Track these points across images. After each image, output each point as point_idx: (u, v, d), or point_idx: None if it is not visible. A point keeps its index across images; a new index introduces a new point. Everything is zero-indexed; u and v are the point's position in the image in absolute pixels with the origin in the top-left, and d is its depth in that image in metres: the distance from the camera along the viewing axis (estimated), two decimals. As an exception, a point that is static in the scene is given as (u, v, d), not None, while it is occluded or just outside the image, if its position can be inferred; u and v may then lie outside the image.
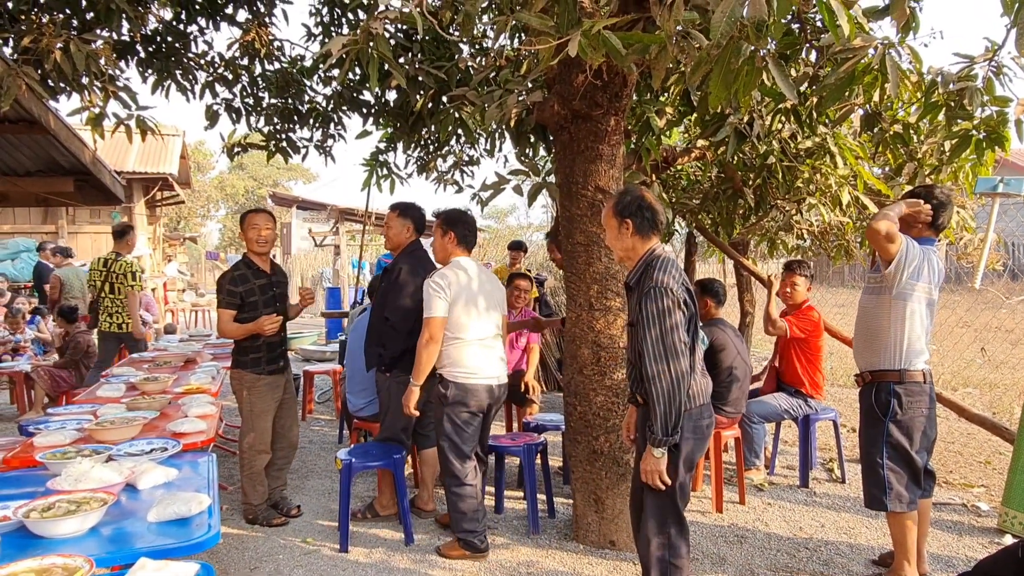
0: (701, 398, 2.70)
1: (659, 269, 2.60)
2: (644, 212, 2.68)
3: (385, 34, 2.21)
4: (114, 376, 4.44)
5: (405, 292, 3.99)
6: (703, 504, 4.45)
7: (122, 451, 2.59)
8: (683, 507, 2.74)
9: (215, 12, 5.61)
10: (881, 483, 3.19)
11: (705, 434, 2.75)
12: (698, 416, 2.69)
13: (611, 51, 2.07)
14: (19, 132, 4.78)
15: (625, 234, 2.73)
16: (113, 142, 11.38)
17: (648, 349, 2.52)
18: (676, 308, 2.53)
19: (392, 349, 3.97)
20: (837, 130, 4.91)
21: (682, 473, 2.67)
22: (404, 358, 3.96)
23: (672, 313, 2.51)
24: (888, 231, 3.08)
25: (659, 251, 2.69)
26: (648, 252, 2.70)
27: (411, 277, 4.01)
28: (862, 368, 3.33)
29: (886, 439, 3.17)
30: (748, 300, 6.99)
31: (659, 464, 2.56)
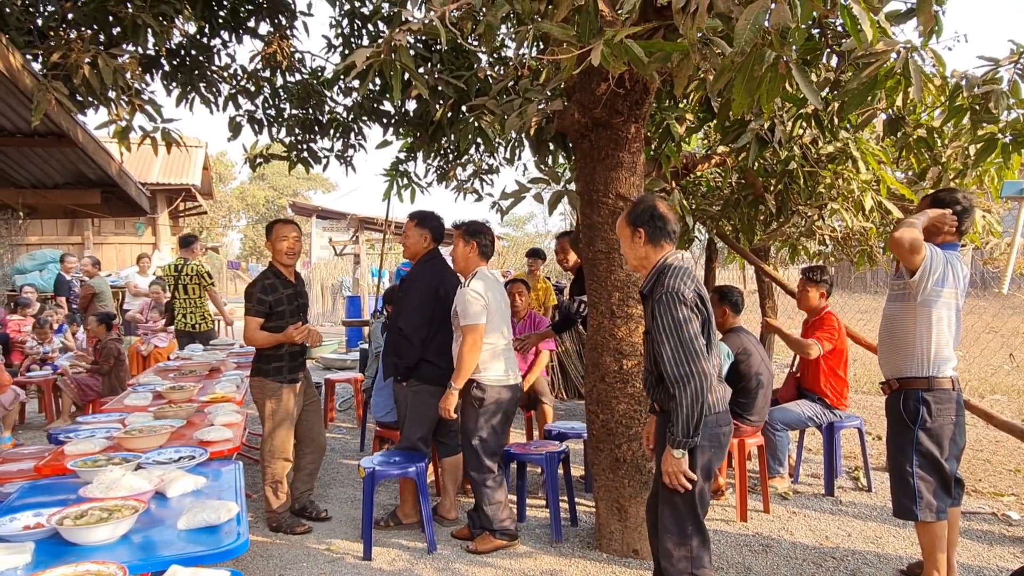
0: (719, 406, 2.69)
1: (671, 276, 2.61)
2: (656, 221, 2.71)
3: (407, 45, 2.23)
4: (141, 385, 4.50)
5: (417, 302, 4.03)
6: (727, 513, 4.41)
7: (151, 459, 2.62)
8: (703, 516, 2.72)
9: (238, 26, 5.69)
10: (911, 492, 3.13)
11: (723, 442, 2.73)
12: (715, 424, 2.67)
13: (633, 60, 2.07)
14: (48, 145, 4.87)
15: (638, 243, 2.76)
16: (138, 154, 11.57)
17: (668, 355, 2.54)
18: (691, 312, 2.54)
19: (407, 359, 4.01)
20: (859, 135, 4.87)
21: (700, 482, 2.65)
22: (420, 368, 4.01)
23: (688, 318, 2.53)
24: (912, 242, 3.04)
25: (672, 259, 2.71)
26: (661, 260, 2.72)
27: (424, 287, 4.05)
28: (888, 376, 3.29)
29: (915, 447, 3.12)
30: (770, 307, 6.94)
31: (680, 465, 2.56)
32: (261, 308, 3.97)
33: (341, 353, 11.58)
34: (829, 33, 3.83)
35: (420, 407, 4.03)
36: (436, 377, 3.99)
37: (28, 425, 7.08)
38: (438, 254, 4.26)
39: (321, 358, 10.87)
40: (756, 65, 1.87)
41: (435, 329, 4.01)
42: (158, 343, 8.60)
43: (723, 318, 4.54)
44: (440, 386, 3.98)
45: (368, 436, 6.06)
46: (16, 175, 5.57)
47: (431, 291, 4.02)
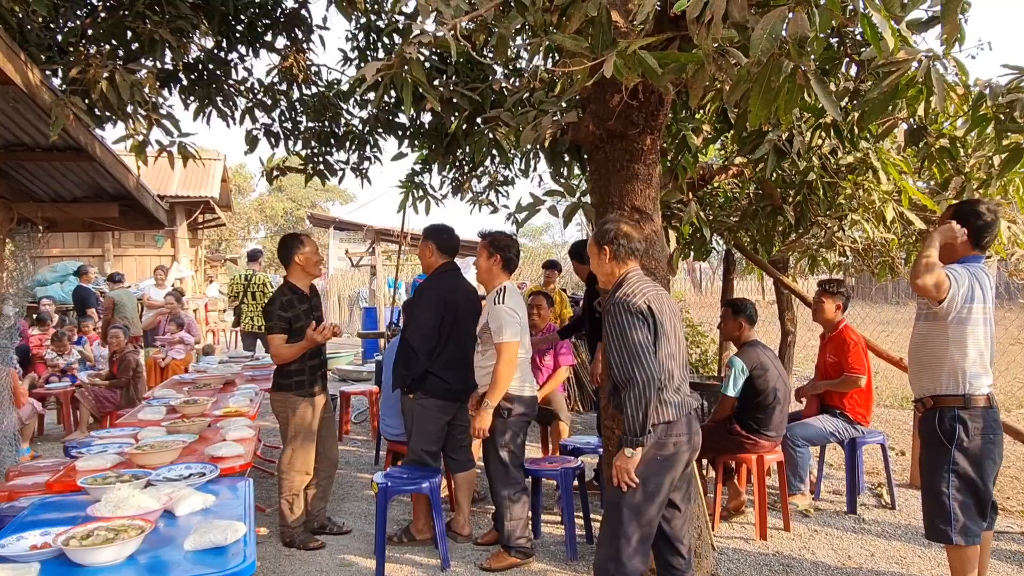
0: (672, 414, 2.72)
1: (624, 286, 2.81)
2: (620, 240, 2.90)
3: (419, 58, 2.21)
4: (156, 399, 4.51)
5: (426, 314, 4.01)
6: (746, 531, 4.33)
7: (161, 475, 2.60)
8: (642, 525, 2.71)
9: (255, 40, 5.72)
10: (946, 514, 3.02)
11: (673, 451, 2.73)
12: (664, 433, 2.71)
13: (647, 71, 2.03)
14: (67, 160, 4.90)
15: (604, 260, 2.95)
16: (157, 168, 11.68)
17: (614, 359, 2.70)
18: (637, 320, 2.68)
19: (414, 370, 3.99)
20: (879, 145, 4.79)
21: (640, 489, 2.68)
22: (426, 380, 3.98)
23: (633, 324, 2.67)
24: (936, 283, 2.95)
25: (632, 274, 2.88)
26: (623, 275, 2.88)
27: (433, 299, 4.04)
28: (921, 394, 3.18)
29: (951, 467, 3.02)
30: (789, 319, 6.83)
31: (627, 463, 2.65)
32: (282, 324, 4.01)
33: (357, 364, 11.58)
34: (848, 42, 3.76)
35: (426, 420, 4.01)
36: (442, 391, 3.97)
37: (47, 437, 7.12)
38: (452, 267, 4.24)
39: (337, 369, 10.87)
40: (773, 76, 1.82)
41: (444, 342, 3.99)
42: (175, 355, 8.65)
43: (739, 331, 4.46)
44: (447, 400, 3.96)
45: (383, 449, 6.02)
46: (36, 189, 5.62)
47: (440, 303, 4.00)
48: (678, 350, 2.84)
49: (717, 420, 4.39)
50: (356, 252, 14.90)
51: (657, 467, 2.71)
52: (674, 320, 2.87)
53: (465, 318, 4.07)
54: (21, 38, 4.29)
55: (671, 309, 2.88)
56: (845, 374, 4.56)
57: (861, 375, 4.52)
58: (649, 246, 3.67)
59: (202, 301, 13.73)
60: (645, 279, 2.89)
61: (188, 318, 9.27)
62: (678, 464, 2.78)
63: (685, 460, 2.83)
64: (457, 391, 4.02)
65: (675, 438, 2.74)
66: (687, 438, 2.79)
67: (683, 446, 2.78)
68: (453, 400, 4.04)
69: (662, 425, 2.71)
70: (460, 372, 4.01)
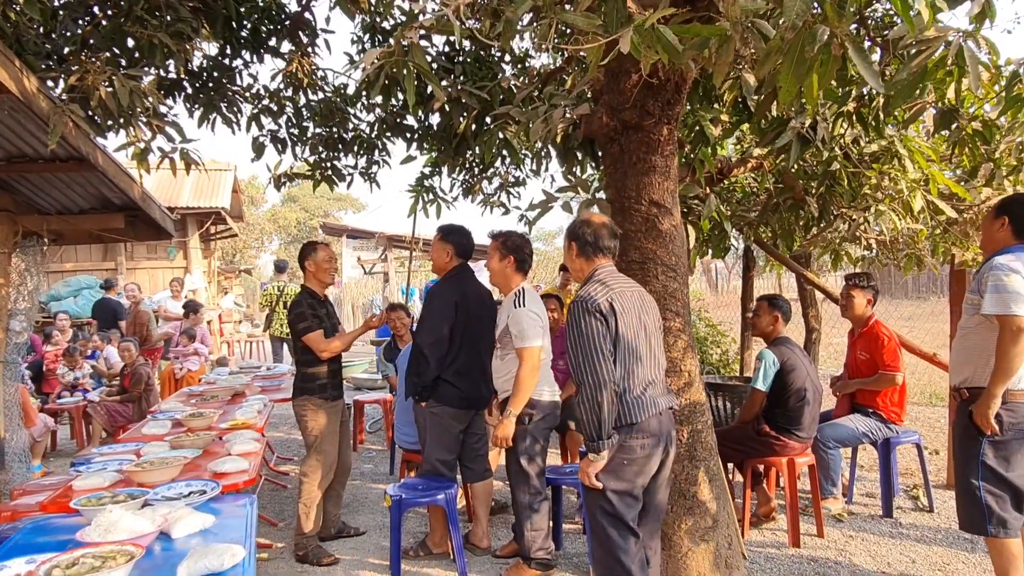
0: (636, 416, 2.63)
1: (587, 284, 2.76)
2: (586, 236, 2.84)
3: (421, 44, 2.07)
4: (162, 412, 4.39)
5: (435, 319, 3.86)
6: (778, 537, 4.13)
7: (159, 494, 2.47)
8: (620, 528, 2.66)
9: (259, 45, 5.63)
10: (980, 506, 2.91)
11: (639, 455, 2.64)
12: (627, 434, 2.63)
13: (666, 47, 1.87)
14: (70, 170, 4.80)
15: (571, 255, 2.92)
16: (167, 179, 11.68)
17: (570, 359, 2.65)
18: (592, 316, 2.60)
19: (425, 377, 3.84)
20: (904, 132, 4.60)
21: (609, 493, 2.63)
22: (437, 387, 3.84)
23: (589, 324, 2.60)
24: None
25: (600, 272, 2.80)
26: (592, 272, 2.82)
27: (443, 303, 3.88)
28: (958, 384, 3.03)
29: (980, 459, 2.91)
30: (813, 316, 6.62)
31: (587, 467, 2.62)
32: (316, 321, 4.04)
33: (371, 373, 11.45)
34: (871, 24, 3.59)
35: (439, 429, 3.86)
36: (455, 398, 3.82)
37: (60, 452, 7.05)
38: (465, 269, 4.08)
39: (352, 378, 10.75)
40: (807, 45, 1.66)
41: (456, 347, 3.84)
42: (191, 367, 8.57)
43: (774, 325, 4.28)
44: (460, 408, 3.81)
45: (398, 459, 5.88)
46: (41, 201, 5.53)
47: (450, 307, 3.84)
48: (647, 349, 2.72)
49: (745, 420, 4.20)
50: (368, 260, 14.82)
51: (623, 471, 2.65)
52: (645, 316, 2.77)
53: (479, 322, 3.92)
54: (18, 46, 4.20)
55: (643, 305, 2.79)
56: (880, 372, 4.36)
57: (897, 372, 4.31)
58: (668, 241, 3.52)
59: (216, 312, 13.68)
60: (615, 276, 2.81)
61: (202, 330, 9.19)
62: (647, 466, 2.69)
63: (657, 462, 2.72)
64: (471, 399, 3.87)
65: (640, 440, 2.65)
66: (656, 439, 2.68)
67: (652, 447, 2.67)
68: (467, 408, 3.89)
69: (625, 427, 2.63)
70: (474, 379, 3.86)
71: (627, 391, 2.63)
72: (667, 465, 2.80)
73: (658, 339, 2.84)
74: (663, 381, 2.84)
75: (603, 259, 2.84)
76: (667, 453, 2.76)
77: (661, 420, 2.71)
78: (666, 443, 2.74)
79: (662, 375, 2.84)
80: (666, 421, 2.75)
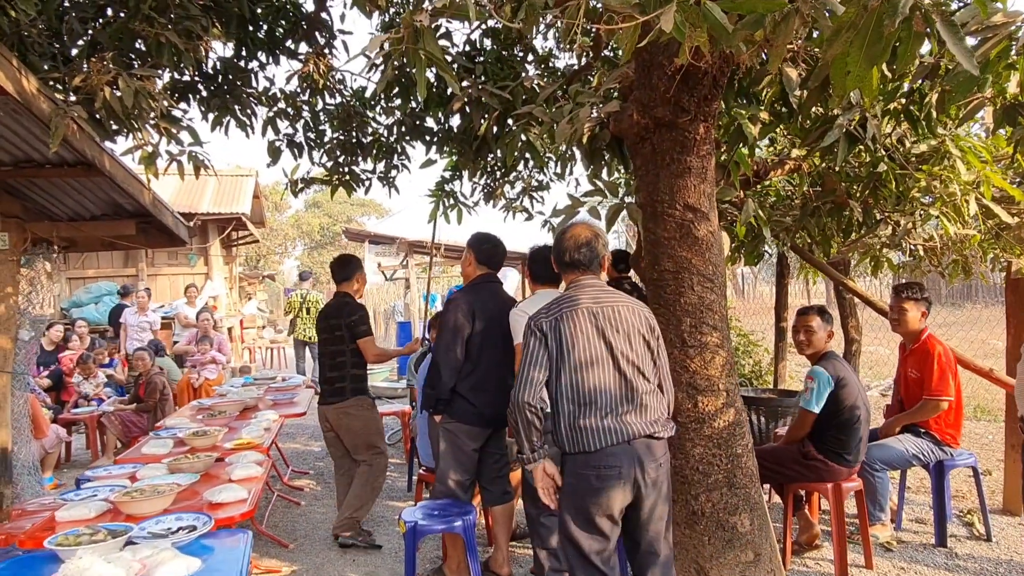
0: (588, 444, 2.46)
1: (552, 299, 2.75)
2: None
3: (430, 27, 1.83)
4: (166, 428, 4.20)
5: (448, 330, 3.67)
6: (823, 568, 3.82)
7: (145, 529, 2.25)
8: (582, 566, 2.51)
9: (274, 46, 5.46)
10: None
11: (595, 486, 2.46)
12: (583, 464, 2.48)
13: (714, 28, 1.61)
14: (78, 175, 4.66)
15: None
16: (187, 184, 11.60)
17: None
18: (535, 340, 2.54)
19: (439, 390, 3.63)
20: (956, 131, 4.28)
21: (569, 524, 2.50)
22: (453, 402, 3.63)
23: (528, 344, 2.56)
24: None
25: (571, 285, 2.75)
26: (568, 284, 2.77)
27: (457, 314, 3.68)
28: None
29: None
30: (853, 326, 6.28)
31: (535, 476, 2.60)
32: (370, 327, 4.48)
33: (392, 381, 11.26)
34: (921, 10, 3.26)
35: (452, 447, 3.64)
36: (470, 415, 3.60)
37: (74, 463, 6.91)
38: (488, 279, 3.86)
39: (372, 387, 10.56)
40: (887, 18, 1.39)
41: (472, 361, 3.62)
42: (208, 375, 8.44)
43: (829, 340, 3.96)
44: (475, 426, 3.59)
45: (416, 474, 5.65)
46: (52, 208, 5.41)
47: (465, 317, 3.64)
48: (611, 373, 2.52)
49: (791, 440, 3.89)
50: (389, 265, 14.65)
51: (578, 499, 2.50)
52: (617, 337, 2.55)
53: (499, 335, 3.68)
54: (21, 47, 4.05)
55: (614, 323, 2.57)
56: (925, 397, 4.00)
57: (944, 398, 3.95)
58: (705, 249, 3.24)
59: (237, 319, 13.60)
60: (556, 297, 2.69)
61: (220, 337, 9.06)
62: (606, 500, 2.47)
63: (621, 496, 2.48)
64: (487, 416, 3.63)
65: (598, 470, 2.47)
66: (617, 471, 2.45)
67: (612, 480, 2.46)
68: (483, 426, 3.65)
69: (581, 455, 2.48)
70: (491, 395, 3.62)
71: (577, 416, 2.48)
72: (645, 499, 2.52)
73: (643, 361, 2.58)
74: (645, 406, 2.55)
75: (574, 273, 2.72)
76: (639, 486, 2.49)
77: (634, 450, 2.47)
78: (636, 476, 2.48)
79: (644, 400, 2.55)
80: (636, 451, 2.48)
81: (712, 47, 1.73)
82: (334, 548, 4.29)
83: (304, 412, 5.13)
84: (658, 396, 2.62)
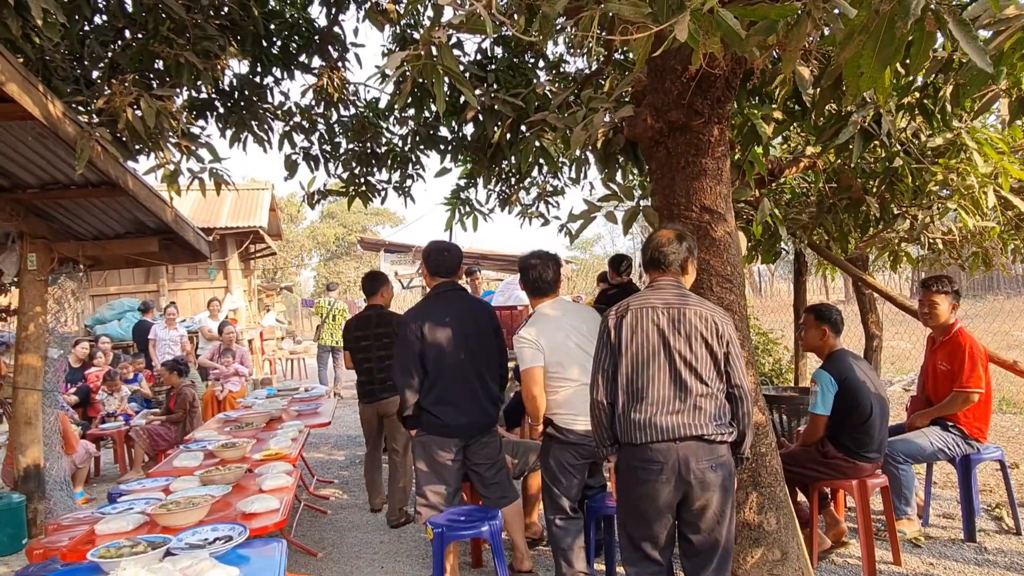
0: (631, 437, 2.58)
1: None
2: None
3: (447, 43, 1.87)
4: (195, 441, 4.27)
5: (400, 346, 3.67)
6: (851, 565, 3.81)
7: (183, 541, 2.30)
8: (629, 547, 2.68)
9: (289, 61, 5.54)
10: None
11: (638, 479, 2.57)
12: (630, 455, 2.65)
13: (728, 34, 1.64)
14: (102, 195, 4.76)
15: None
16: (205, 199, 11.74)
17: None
18: (600, 338, 2.73)
19: (401, 407, 3.65)
20: (972, 124, 4.27)
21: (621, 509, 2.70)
22: (422, 416, 3.62)
23: (597, 345, 2.76)
24: None
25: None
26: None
27: (403, 332, 3.66)
28: None
29: None
30: (873, 322, 6.25)
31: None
32: None
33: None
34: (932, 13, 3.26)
35: (428, 460, 3.62)
36: (438, 427, 3.59)
37: (103, 478, 7.01)
38: (444, 288, 3.78)
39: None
40: (899, 19, 1.41)
41: (432, 376, 3.59)
42: (231, 387, 8.53)
43: (822, 339, 3.94)
44: (445, 437, 3.58)
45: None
46: (77, 227, 5.51)
47: (415, 335, 3.58)
48: (665, 372, 2.59)
49: (808, 443, 3.89)
50: (406, 274, 14.74)
51: (626, 489, 2.64)
52: (678, 338, 2.59)
53: (462, 343, 3.61)
54: (45, 72, 4.15)
55: (678, 324, 2.62)
56: (955, 390, 3.97)
57: (974, 390, 3.92)
58: (723, 250, 3.26)
59: (257, 331, 13.72)
60: (658, 289, 2.73)
61: (241, 350, 9.16)
62: (652, 491, 2.54)
63: (669, 494, 2.53)
64: (453, 427, 3.58)
65: (643, 463, 2.56)
66: (664, 466, 2.52)
67: (655, 474, 2.53)
68: (452, 436, 3.60)
69: (629, 447, 2.61)
70: (457, 406, 3.58)
71: (629, 408, 2.60)
72: (695, 499, 2.53)
73: (703, 365, 2.58)
74: (700, 408, 2.55)
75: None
76: (687, 484, 2.51)
77: (672, 448, 2.50)
78: (681, 474, 2.50)
79: (699, 402, 2.55)
80: (682, 450, 2.50)
81: (725, 52, 1.75)
82: (363, 556, 4.33)
83: (329, 422, 5.17)
84: (718, 401, 2.58)
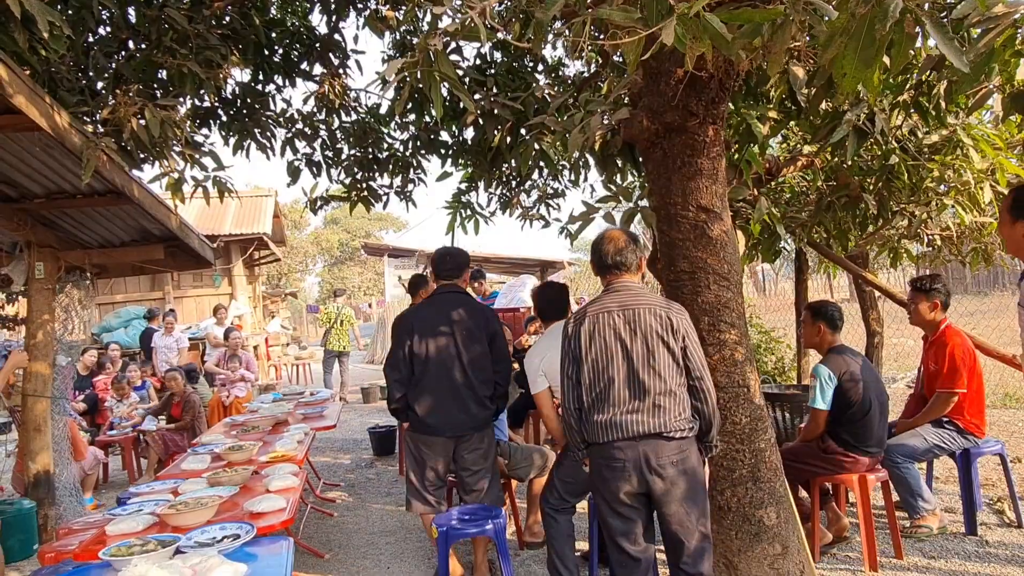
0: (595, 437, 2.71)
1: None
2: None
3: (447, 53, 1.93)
4: (203, 445, 4.32)
5: (392, 344, 3.86)
6: (852, 559, 3.84)
7: (192, 539, 2.35)
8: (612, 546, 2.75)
9: (290, 69, 5.60)
10: None
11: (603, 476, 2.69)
12: (597, 454, 2.78)
13: (714, 38, 1.69)
14: (108, 204, 4.83)
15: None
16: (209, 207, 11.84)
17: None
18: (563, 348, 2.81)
19: (388, 400, 3.83)
20: (967, 120, 4.30)
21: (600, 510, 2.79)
22: (408, 412, 3.74)
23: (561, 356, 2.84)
24: None
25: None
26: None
27: (397, 326, 3.87)
28: None
29: None
30: (874, 319, 6.27)
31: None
32: None
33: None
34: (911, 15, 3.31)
35: (414, 453, 3.75)
36: (417, 424, 3.71)
37: (112, 484, 7.08)
38: (442, 291, 3.92)
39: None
40: (878, 22, 1.46)
41: (417, 374, 3.71)
42: (238, 393, 8.60)
43: (819, 336, 3.98)
44: (425, 434, 3.67)
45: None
46: (83, 236, 5.58)
47: (405, 332, 3.76)
48: (623, 373, 2.68)
49: (808, 439, 3.92)
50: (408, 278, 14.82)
51: (596, 485, 2.78)
52: (634, 338, 2.69)
53: (452, 345, 3.73)
54: (51, 83, 4.22)
55: (633, 324, 2.72)
56: (937, 391, 4.02)
57: (955, 390, 3.96)
58: (720, 249, 3.30)
59: (262, 337, 13.80)
60: (613, 292, 2.82)
61: (247, 355, 9.22)
62: (617, 486, 2.66)
63: (629, 485, 2.64)
64: (431, 425, 3.67)
65: (607, 461, 2.67)
66: (625, 463, 2.63)
67: (619, 471, 2.64)
68: (431, 435, 3.69)
69: (595, 446, 2.72)
70: (435, 405, 3.67)
71: (592, 411, 2.69)
72: (659, 493, 2.64)
73: (660, 363, 2.67)
74: (659, 406, 2.64)
75: (612, 276, 2.90)
76: (647, 481, 2.62)
77: (633, 446, 2.62)
78: (643, 470, 2.61)
79: (658, 400, 2.65)
80: (643, 447, 2.61)
81: (715, 54, 1.80)
82: (368, 556, 4.38)
83: (334, 424, 5.23)
84: (678, 396, 2.67)
